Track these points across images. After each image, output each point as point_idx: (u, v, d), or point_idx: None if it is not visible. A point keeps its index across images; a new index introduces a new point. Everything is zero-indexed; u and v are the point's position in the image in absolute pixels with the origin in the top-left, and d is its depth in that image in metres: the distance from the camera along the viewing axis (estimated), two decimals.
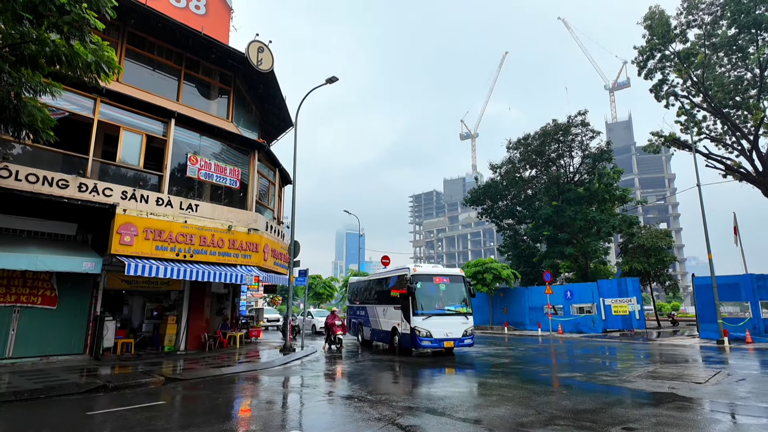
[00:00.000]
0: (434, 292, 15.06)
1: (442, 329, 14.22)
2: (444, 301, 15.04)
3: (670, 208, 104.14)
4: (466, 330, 14.70)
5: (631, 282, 26.04)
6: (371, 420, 6.36)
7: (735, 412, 6.84)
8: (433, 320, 14.25)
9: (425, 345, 14.11)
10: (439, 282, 15.19)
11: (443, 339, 14.14)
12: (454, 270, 16.32)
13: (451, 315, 14.73)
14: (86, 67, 7.64)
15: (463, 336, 14.54)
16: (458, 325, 14.60)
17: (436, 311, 14.62)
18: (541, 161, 35.78)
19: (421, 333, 14.04)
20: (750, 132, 24.56)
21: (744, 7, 22.65)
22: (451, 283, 15.37)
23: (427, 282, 15.03)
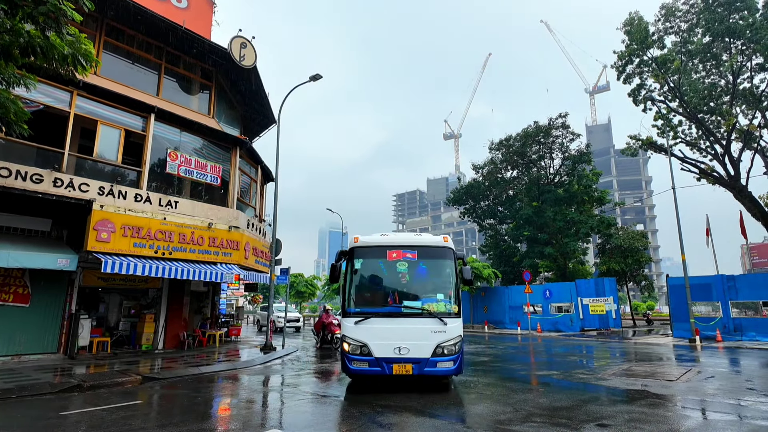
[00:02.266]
0: (387, 275, 8.84)
1: (392, 341, 7.95)
2: (405, 292, 8.70)
3: (646, 210, 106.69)
4: (443, 344, 7.98)
5: (608, 282, 26.61)
6: (351, 418, 6.38)
7: (704, 408, 7.07)
8: (374, 325, 8.08)
9: (357, 370, 8.02)
10: (396, 258, 8.61)
11: (392, 360, 7.88)
12: (427, 238, 9.23)
13: (409, 316, 8.22)
14: (62, 59, 7.46)
15: (437, 355, 7.95)
16: (425, 334, 8.00)
17: (381, 309, 8.40)
18: (523, 162, 36.27)
19: (351, 347, 8.04)
20: (723, 137, 25.32)
21: (718, 16, 23.32)
22: (422, 261, 8.77)
23: (375, 258, 8.80)
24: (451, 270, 8.64)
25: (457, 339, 8.14)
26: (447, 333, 8.05)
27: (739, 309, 21.58)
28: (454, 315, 8.32)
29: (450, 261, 8.70)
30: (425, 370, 7.89)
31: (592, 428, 5.74)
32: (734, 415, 6.60)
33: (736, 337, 19.11)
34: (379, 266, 8.84)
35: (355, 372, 8.14)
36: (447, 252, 8.77)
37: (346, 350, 8.18)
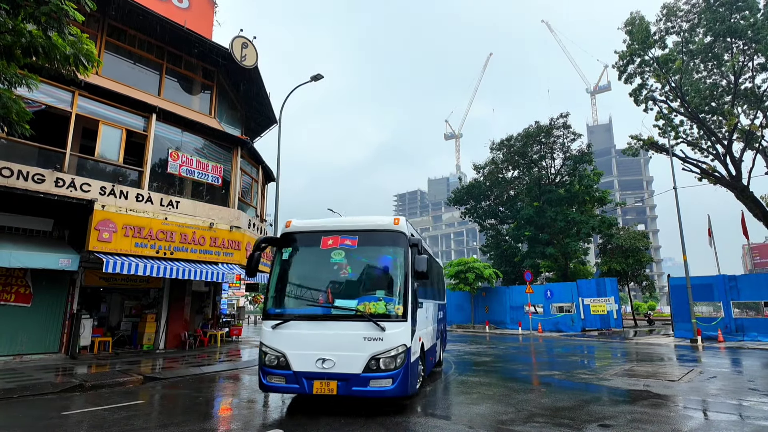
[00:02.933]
0: (320, 267, 7.17)
1: (315, 351, 6.39)
2: (340, 288, 6.95)
3: (647, 210, 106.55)
4: (378, 356, 6.28)
5: (610, 282, 26.59)
6: (350, 417, 6.37)
7: (706, 408, 7.06)
8: (295, 330, 6.58)
9: (272, 386, 6.56)
10: (332, 246, 7.00)
11: (313, 375, 6.34)
12: (373, 220, 7.33)
13: (340, 319, 6.56)
14: (64, 59, 7.48)
15: (370, 370, 6.25)
16: (356, 343, 6.35)
17: (304, 310, 6.85)
18: (524, 162, 36.23)
19: (268, 358, 6.58)
20: (724, 137, 25.29)
21: (719, 16, 23.29)
22: (364, 249, 7.02)
23: (307, 247, 7.29)
24: (400, 260, 6.76)
25: (400, 349, 6.26)
26: (385, 341, 6.22)
27: (741, 309, 21.60)
28: (397, 318, 6.39)
29: (400, 248, 6.82)
30: (353, 389, 6.11)
31: (594, 428, 5.73)
32: (737, 415, 6.59)
33: (737, 338, 19.07)
34: (312, 256, 7.21)
35: (271, 389, 6.54)
36: (397, 237, 6.92)
37: (262, 359, 6.60)
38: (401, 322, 6.44)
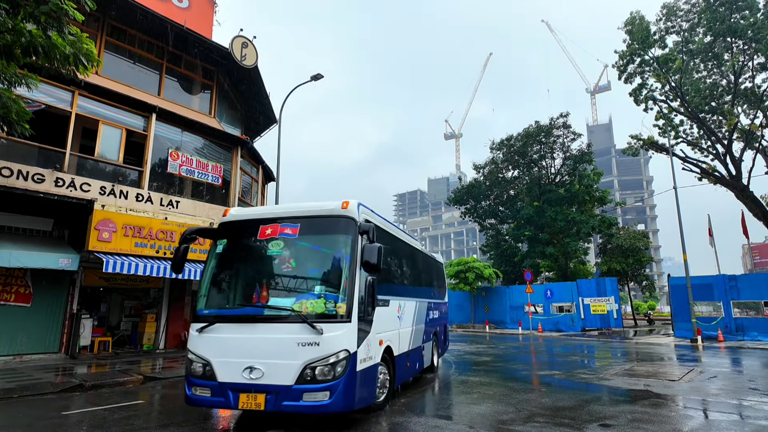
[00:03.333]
0: (257, 261, 6.40)
1: (242, 359, 5.51)
2: (277, 284, 6.13)
3: (647, 210, 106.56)
4: (314, 363, 5.32)
5: (610, 282, 26.60)
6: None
7: (707, 408, 7.06)
8: (222, 334, 5.71)
9: (197, 399, 5.67)
10: (271, 236, 6.06)
11: (240, 386, 5.44)
12: (318, 205, 6.33)
13: (272, 321, 5.64)
14: (64, 59, 7.47)
15: (304, 381, 5.29)
16: (288, 348, 5.41)
17: (233, 311, 6.04)
18: (524, 162, 36.23)
19: (193, 366, 5.73)
20: (724, 137, 25.29)
21: (719, 15, 23.28)
22: (306, 238, 6.12)
23: (244, 238, 6.44)
24: (347, 250, 5.76)
25: (341, 355, 5.25)
26: (322, 346, 5.23)
27: (741, 309, 21.58)
28: (338, 318, 5.40)
29: (347, 237, 5.81)
30: (283, 404, 5.16)
31: (595, 428, 5.73)
32: (737, 415, 6.59)
33: (737, 337, 19.08)
34: (248, 249, 6.33)
35: (195, 402, 5.62)
36: (344, 224, 5.90)
37: (188, 370, 5.76)
38: (343, 323, 5.42)
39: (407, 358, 8.05)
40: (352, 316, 5.49)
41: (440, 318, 11.58)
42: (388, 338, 6.87)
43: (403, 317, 7.94)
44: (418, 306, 9.15)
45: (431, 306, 10.43)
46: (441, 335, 11.62)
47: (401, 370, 7.60)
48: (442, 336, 11.88)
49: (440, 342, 11.54)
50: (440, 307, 11.77)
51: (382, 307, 6.67)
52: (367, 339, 5.87)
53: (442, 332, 11.77)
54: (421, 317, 9.33)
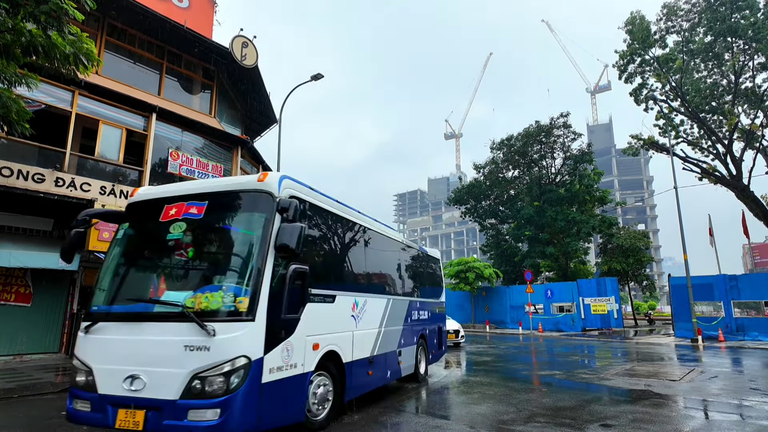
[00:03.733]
0: (154, 247, 5.35)
1: (124, 365, 4.35)
2: (176, 274, 5.04)
3: (648, 210, 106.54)
4: (203, 373, 4.11)
5: (610, 282, 26.61)
6: (350, 417, 6.36)
7: (708, 408, 7.04)
8: (107, 335, 4.63)
9: (77, 415, 4.53)
10: (174, 217, 4.98)
11: (119, 400, 4.26)
12: (230, 180, 5.53)
13: (160, 320, 4.49)
14: (64, 58, 7.46)
15: (191, 395, 4.08)
16: (173, 353, 4.22)
17: (119, 307, 4.91)
18: (524, 162, 36.24)
19: (77, 374, 4.64)
20: (725, 137, 25.29)
21: (720, 15, 23.28)
22: (214, 218, 5.02)
23: (147, 221, 5.44)
24: (258, 231, 4.65)
25: (238, 363, 4.13)
26: (213, 351, 4.11)
27: (742, 309, 21.57)
28: (238, 316, 4.27)
29: (261, 215, 4.74)
30: (164, 423, 4.09)
31: (596, 428, 5.72)
32: (738, 415, 6.58)
33: (738, 337, 19.07)
34: (150, 233, 5.33)
35: (74, 418, 4.56)
36: (259, 200, 4.84)
37: (71, 379, 4.78)
38: (244, 321, 4.25)
39: (369, 365, 6.83)
40: (256, 312, 4.30)
41: (431, 319, 10.30)
42: (333, 341, 5.77)
43: (361, 317, 6.72)
44: (392, 304, 7.97)
45: (416, 305, 9.32)
46: (433, 338, 10.33)
47: (356, 380, 6.37)
48: (435, 339, 10.53)
49: (431, 346, 10.20)
50: (431, 307, 10.45)
51: (322, 303, 5.61)
52: (287, 343, 4.73)
53: (434, 335, 10.45)
54: (397, 317, 8.21)
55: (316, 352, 5.35)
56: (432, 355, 10.28)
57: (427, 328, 9.90)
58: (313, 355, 5.27)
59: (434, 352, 10.48)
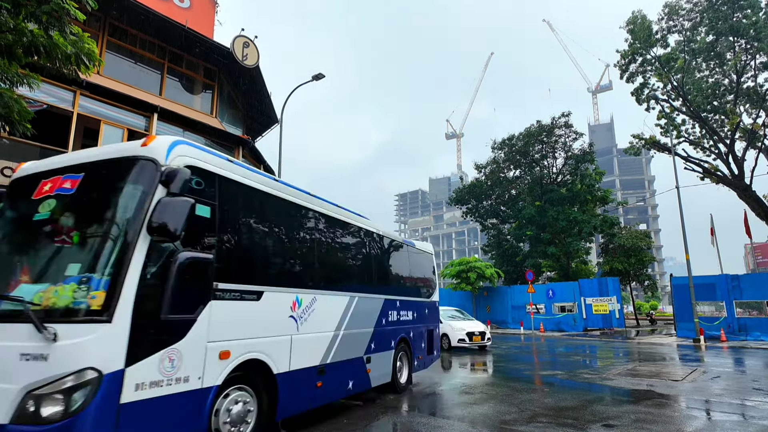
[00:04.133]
0: (21, 230, 4.41)
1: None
2: (33, 262, 4.05)
3: (649, 210, 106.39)
4: (39, 391, 3.11)
5: (612, 281, 26.56)
6: (353, 416, 6.35)
7: (710, 408, 7.02)
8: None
9: None
10: (46, 194, 4.13)
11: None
12: (108, 149, 4.56)
13: (2, 320, 3.55)
14: (66, 58, 7.45)
15: (25, 418, 3.07)
16: (9, 364, 3.26)
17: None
18: (525, 162, 36.21)
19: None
20: (726, 136, 25.24)
21: (722, 14, 23.24)
22: (85, 193, 4.02)
23: (24, 200, 4.39)
24: (133, 207, 3.76)
25: (84, 377, 3.16)
26: (51, 361, 3.19)
27: (744, 309, 21.52)
28: (90, 315, 3.35)
29: (138, 188, 3.85)
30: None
31: (598, 429, 5.70)
32: (741, 415, 6.56)
33: (740, 337, 19.03)
34: (21, 213, 4.48)
35: None
36: (140, 169, 3.95)
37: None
38: (97, 323, 3.28)
39: (318, 375, 5.76)
40: (115, 312, 3.29)
41: (418, 320, 9.14)
42: (258, 348, 4.74)
43: (306, 318, 5.65)
44: (357, 303, 6.82)
45: (394, 305, 8.13)
46: (419, 341, 9.15)
47: (296, 395, 5.32)
48: (423, 342, 9.35)
49: (417, 350, 9.03)
50: (417, 307, 9.27)
51: (240, 301, 4.57)
52: (170, 351, 3.70)
53: (421, 338, 9.27)
54: (365, 318, 7.09)
55: (225, 361, 4.26)
56: (419, 361, 9.09)
57: (411, 330, 8.75)
58: (219, 365, 4.19)
59: (421, 358, 9.24)
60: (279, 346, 5.11)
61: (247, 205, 5.05)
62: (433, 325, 10.14)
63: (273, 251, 5.46)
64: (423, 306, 9.67)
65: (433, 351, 10.00)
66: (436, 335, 10.26)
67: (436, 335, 10.26)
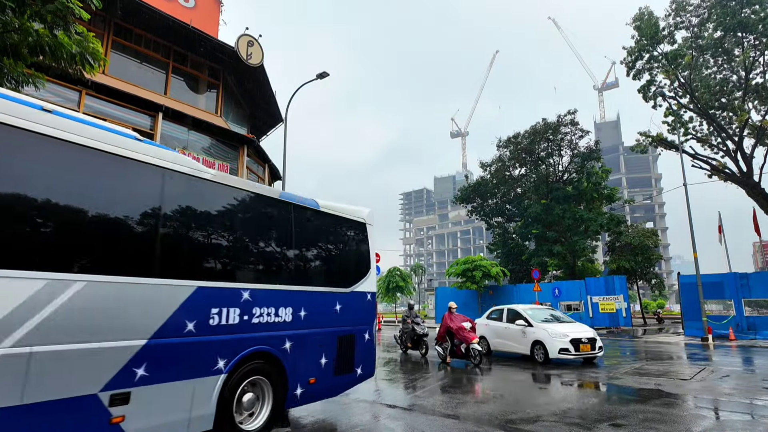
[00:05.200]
0: None
1: None
2: None
3: (656, 208, 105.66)
4: None
5: (619, 280, 26.37)
6: (357, 416, 6.33)
7: (719, 408, 6.93)
8: None
9: None
10: None
11: None
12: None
13: None
14: (71, 58, 7.48)
15: None
16: None
17: None
18: (531, 160, 36.04)
19: None
20: (735, 133, 24.99)
21: (730, 10, 22.98)
22: None
23: None
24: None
25: None
26: None
27: (752, 307, 21.28)
28: None
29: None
30: None
31: (605, 428, 5.64)
32: (751, 415, 6.47)
33: (749, 336, 18.83)
34: None
35: None
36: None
37: None
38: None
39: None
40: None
41: (304, 322, 5.91)
42: None
43: None
44: (83, 295, 3.82)
45: (230, 296, 5.08)
46: (311, 356, 6.01)
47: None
48: (320, 357, 6.12)
49: (304, 370, 5.87)
50: (307, 302, 6.04)
51: None
52: None
53: (317, 351, 6.10)
54: (119, 322, 4.04)
55: None
56: (310, 385, 5.89)
57: (289, 338, 5.66)
58: None
59: (314, 381, 5.94)
60: None
61: None
62: (351, 328, 6.72)
63: None
64: (327, 300, 6.40)
65: (350, 368, 6.59)
66: (361, 344, 6.86)
67: (361, 344, 6.86)
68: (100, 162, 4.17)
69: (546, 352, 11.77)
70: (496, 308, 15.44)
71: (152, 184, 4.56)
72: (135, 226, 4.40)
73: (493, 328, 14.45)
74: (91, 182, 4.14)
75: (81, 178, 4.08)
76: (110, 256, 4.18)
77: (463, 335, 11.60)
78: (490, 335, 14.24)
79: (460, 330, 11.73)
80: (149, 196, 4.55)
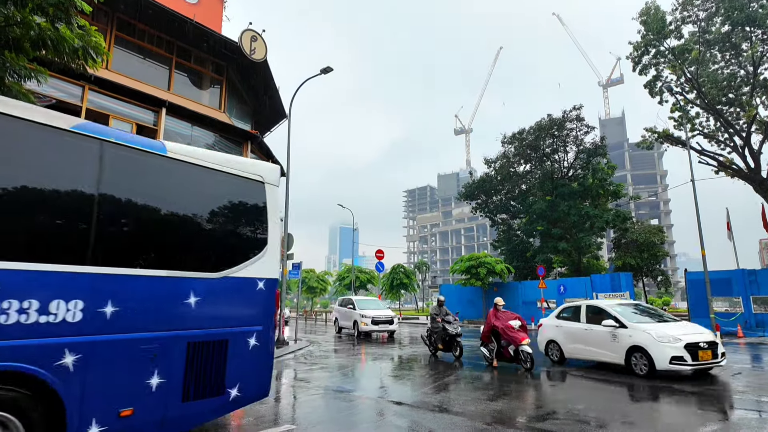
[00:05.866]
0: None
1: None
2: None
3: (661, 204, 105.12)
4: None
5: (625, 277, 26.18)
6: (365, 413, 6.26)
7: (733, 405, 6.82)
8: None
9: None
10: None
11: None
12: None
13: None
14: (73, 52, 7.40)
15: None
16: None
17: None
18: (536, 156, 35.84)
19: None
20: (742, 129, 24.73)
21: (738, 4, 22.70)
22: None
23: None
24: None
25: None
26: None
27: (760, 304, 21.08)
28: None
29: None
30: None
31: (617, 426, 5.54)
32: (765, 412, 6.35)
33: (758, 333, 18.66)
34: None
35: None
36: None
37: None
38: None
39: None
40: None
41: (111, 322, 3.87)
42: None
43: None
44: None
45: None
46: (127, 376, 3.97)
47: None
48: (148, 377, 4.09)
49: (110, 398, 3.84)
50: (124, 291, 4.01)
51: None
52: None
53: (141, 368, 4.06)
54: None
55: None
56: (127, 420, 3.91)
57: (70, 351, 3.62)
58: None
59: (131, 414, 3.94)
60: None
61: None
62: (221, 330, 4.75)
63: None
64: (168, 289, 4.36)
65: (222, 389, 4.70)
66: (241, 353, 4.89)
67: (241, 353, 4.89)
68: None
69: (650, 362, 8.92)
70: (568, 304, 12.43)
71: None
72: None
73: (567, 330, 11.34)
74: None
75: None
76: None
77: (511, 335, 10.14)
78: (564, 339, 11.25)
79: (507, 329, 10.27)
80: None
